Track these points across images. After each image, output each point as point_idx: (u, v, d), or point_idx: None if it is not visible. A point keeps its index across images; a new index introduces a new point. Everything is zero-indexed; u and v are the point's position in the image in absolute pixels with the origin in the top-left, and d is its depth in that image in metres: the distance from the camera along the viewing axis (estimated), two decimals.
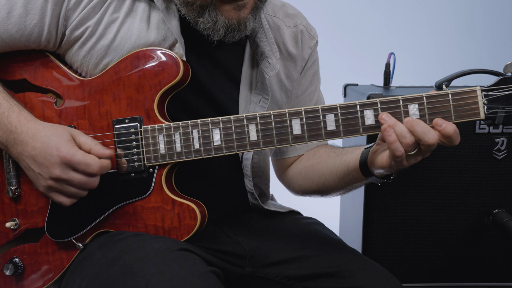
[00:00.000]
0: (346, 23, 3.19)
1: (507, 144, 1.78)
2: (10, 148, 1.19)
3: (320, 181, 1.41)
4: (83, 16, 1.23)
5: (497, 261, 1.84)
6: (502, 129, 1.77)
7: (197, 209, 1.21)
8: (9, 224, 1.26)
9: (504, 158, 1.79)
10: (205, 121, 1.20)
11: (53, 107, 1.26)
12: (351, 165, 1.30)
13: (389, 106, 1.14)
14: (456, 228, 1.82)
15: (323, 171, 1.40)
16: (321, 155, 1.44)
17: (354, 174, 1.30)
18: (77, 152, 1.13)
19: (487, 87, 1.13)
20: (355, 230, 1.94)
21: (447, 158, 1.78)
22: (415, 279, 1.85)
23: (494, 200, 1.80)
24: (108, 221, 1.24)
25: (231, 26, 1.21)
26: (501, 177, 1.80)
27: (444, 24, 3.19)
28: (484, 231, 1.81)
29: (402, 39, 3.15)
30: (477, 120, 1.14)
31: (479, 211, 1.81)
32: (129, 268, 1.07)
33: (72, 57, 1.27)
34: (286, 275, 1.28)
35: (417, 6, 3.20)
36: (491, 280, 1.86)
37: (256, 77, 1.39)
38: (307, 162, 1.48)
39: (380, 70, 1.95)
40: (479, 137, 1.78)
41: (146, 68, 1.22)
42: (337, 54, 3.10)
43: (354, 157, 1.30)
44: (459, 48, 3.19)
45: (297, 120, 1.17)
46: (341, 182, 1.35)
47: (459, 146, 1.74)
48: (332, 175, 1.37)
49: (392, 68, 1.97)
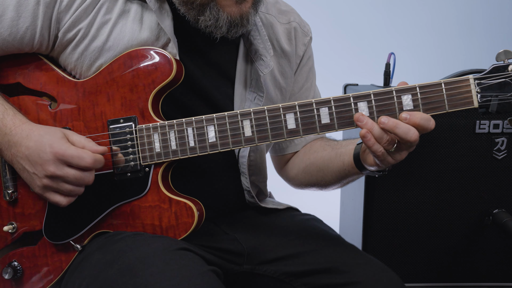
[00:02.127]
0: (346, 23, 3.19)
1: (507, 144, 1.76)
2: (4, 151, 1.19)
3: (319, 175, 1.41)
4: (75, 18, 1.23)
5: (497, 261, 1.83)
6: (502, 129, 1.76)
7: (194, 206, 1.21)
8: (7, 228, 1.26)
9: (504, 158, 1.77)
10: (200, 119, 1.20)
11: (48, 110, 1.26)
12: (346, 160, 1.31)
13: (382, 98, 1.14)
14: (456, 228, 1.81)
15: (320, 166, 1.41)
16: (318, 149, 1.44)
17: (349, 169, 1.31)
18: (70, 147, 1.14)
19: (479, 75, 1.13)
20: (355, 231, 1.93)
21: (447, 158, 1.77)
22: (415, 279, 1.84)
23: (494, 200, 1.78)
24: (106, 221, 1.23)
25: (234, 22, 1.20)
26: (501, 177, 1.78)
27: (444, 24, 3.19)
28: (484, 231, 1.80)
29: (402, 39, 3.14)
30: (472, 109, 1.14)
31: (479, 211, 1.79)
32: (128, 268, 1.07)
33: (65, 59, 1.27)
34: (284, 271, 1.28)
35: (416, 6, 3.20)
36: (491, 280, 1.85)
37: (250, 75, 1.39)
38: (304, 157, 1.48)
39: (380, 70, 1.95)
40: (479, 137, 1.76)
41: (139, 68, 1.22)
42: (337, 54, 3.11)
43: (348, 151, 1.31)
44: (459, 48, 3.18)
45: (291, 114, 1.17)
46: (338, 176, 1.36)
47: (459, 146, 1.75)
48: (329, 170, 1.38)
49: (392, 68, 1.96)
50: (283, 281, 1.28)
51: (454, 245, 1.82)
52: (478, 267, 1.84)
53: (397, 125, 1.09)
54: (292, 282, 1.27)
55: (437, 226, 1.81)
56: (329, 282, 1.23)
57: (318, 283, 1.24)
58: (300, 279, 1.27)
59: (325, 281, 1.24)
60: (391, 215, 1.82)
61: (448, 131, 1.76)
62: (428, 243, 1.82)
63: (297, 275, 1.27)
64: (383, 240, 1.83)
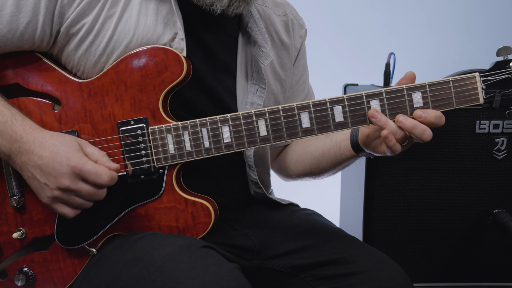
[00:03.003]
0: (346, 23, 3.17)
1: (507, 144, 1.78)
2: (13, 158, 1.15)
3: (313, 163, 1.44)
4: (79, 11, 1.18)
5: (497, 261, 1.85)
6: (502, 129, 1.78)
7: (210, 206, 1.22)
8: (16, 235, 1.22)
9: (504, 158, 1.80)
10: (214, 119, 1.20)
11: (52, 112, 1.22)
12: (342, 145, 1.35)
13: (393, 96, 1.17)
14: (456, 228, 1.82)
15: (315, 154, 1.43)
16: (310, 138, 1.45)
17: (346, 153, 1.35)
18: (87, 162, 1.11)
19: (484, 72, 1.19)
20: (355, 231, 1.95)
21: (447, 158, 1.79)
22: (415, 279, 1.86)
23: (494, 200, 1.81)
24: (120, 224, 1.23)
25: None
26: (501, 177, 1.80)
27: (444, 24, 3.18)
28: (484, 231, 1.82)
29: (402, 39, 3.13)
30: (473, 108, 1.19)
31: (479, 211, 1.81)
32: (155, 266, 1.07)
33: (67, 56, 1.22)
34: (292, 265, 1.31)
35: (416, 6, 3.18)
36: (491, 280, 1.87)
37: (251, 67, 1.39)
38: (297, 146, 1.50)
39: (380, 70, 1.96)
40: (479, 137, 1.78)
41: (148, 68, 1.19)
42: (337, 54, 3.09)
43: (344, 136, 1.35)
44: (459, 48, 3.18)
45: (305, 113, 1.18)
46: (334, 162, 1.40)
47: (459, 146, 1.78)
48: (324, 156, 1.41)
49: (392, 68, 1.97)
50: (291, 274, 1.32)
51: (454, 245, 1.85)
52: (478, 267, 1.86)
53: (414, 126, 1.13)
54: (300, 274, 1.31)
55: (437, 226, 1.83)
56: (336, 273, 1.27)
57: (325, 274, 1.28)
58: (307, 272, 1.30)
59: (331, 272, 1.28)
60: (391, 215, 1.83)
61: (448, 131, 1.78)
62: (428, 243, 1.84)
63: (305, 268, 1.31)
64: (383, 240, 1.85)
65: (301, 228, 1.40)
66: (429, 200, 1.82)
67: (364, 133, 1.28)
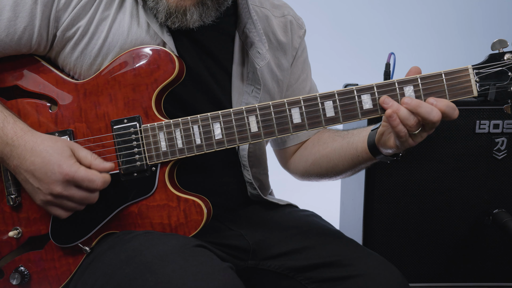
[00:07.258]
0: (346, 23, 3.18)
1: (507, 144, 1.77)
2: (6, 161, 1.17)
3: (329, 166, 1.42)
4: (74, 15, 1.21)
5: (497, 261, 1.83)
6: (502, 129, 1.77)
7: (202, 204, 1.21)
8: (12, 234, 1.24)
9: (504, 158, 1.78)
10: (205, 116, 1.20)
11: (48, 112, 1.24)
12: (359, 147, 1.33)
13: (385, 90, 1.16)
14: (456, 228, 1.81)
15: (331, 156, 1.42)
16: (326, 140, 1.45)
17: (363, 155, 1.32)
18: (79, 168, 1.13)
19: (477, 64, 1.17)
20: (354, 232, 1.94)
21: (447, 158, 1.77)
22: (415, 279, 1.85)
23: (494, 200, 1.79)
24: (114, 222, 1.23)
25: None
26: (501, 177, 1.79)
27: (444, 24, 3.19)
28: (484, 231, 1.80)
29: (402, 39, 3.14)
30: (471, 99, 1.17)
31: (479, 211, 1.80)
32: (148, 266, 1.07)
33: (64, 59, 1.25)
34: (288, 266, 1.30)
35: (416, 6, 3.19)
36: (491, 280, 1.85)
37: (247, 68, 1.40)
38: (313, 149, 1.48)
39: (380, 70, 1.96)
40: (479, 137, 1.77)
41: (141, 67, 1.21)
42: (337, 54, 3.11)
43: (361, 139, 1.32)
44: (458, 48, 3.18)
45: (296, 109, 1.18)
46: (351, 164, 1.38)
47: (459, 146, 1.76)
48: (341, 159, 1.39)
49: (392, 68, 1.96)
50: (287, 275, 1.30)
51: (454, 245, 1.83)
52: (478, 267, 1.84)
53: (419, 104, 1.11)
54: (296, 276, 1.29)
55: (437, 226, 1.81)
56: (332, 276, 1.25)
57: (321, 276, 1.27)
58: (303, 274, 1.29)
59: (327, 274, 1.26)
60: (391, 215, 1.82)
61: (448, 131, 1.76)
62: (428, 243, 1.82)
63: (301, 270, 1.29)
64: (383, 240, 1.83)
65: (298, 229, 1.38)
66: (429, 200, 1.81)
67: (380, 132, 1.26)
